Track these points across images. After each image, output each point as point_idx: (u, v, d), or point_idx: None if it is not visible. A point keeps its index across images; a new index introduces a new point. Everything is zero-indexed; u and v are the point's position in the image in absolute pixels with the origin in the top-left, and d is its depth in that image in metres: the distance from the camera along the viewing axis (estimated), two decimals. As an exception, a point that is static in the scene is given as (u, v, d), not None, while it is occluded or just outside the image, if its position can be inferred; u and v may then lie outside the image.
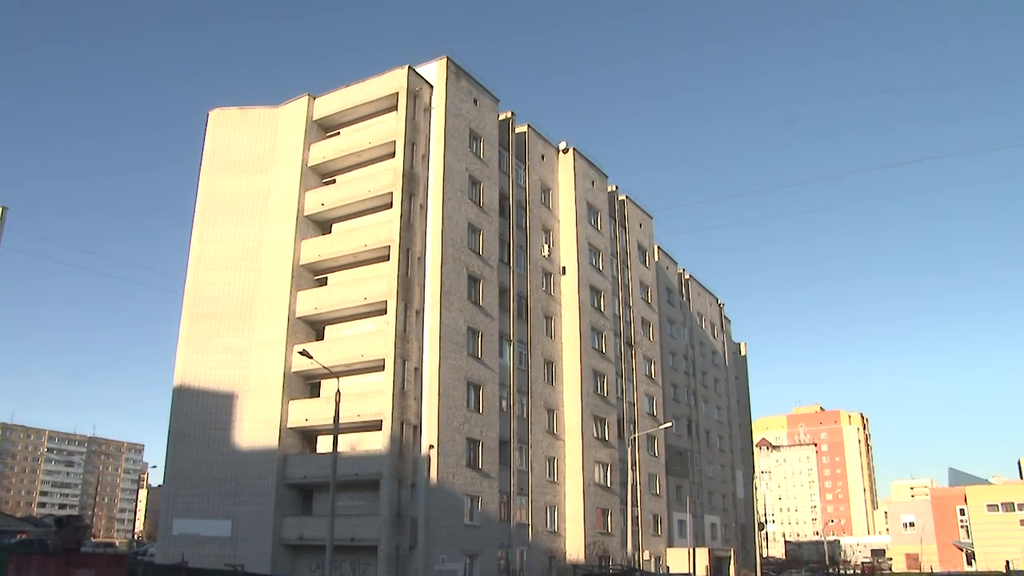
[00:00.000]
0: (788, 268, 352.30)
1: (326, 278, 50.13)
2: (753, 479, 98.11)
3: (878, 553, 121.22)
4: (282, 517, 44.91)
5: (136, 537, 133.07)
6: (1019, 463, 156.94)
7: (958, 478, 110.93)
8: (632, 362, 66.60)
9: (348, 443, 43.85)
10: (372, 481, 42.43)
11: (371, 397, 43.50)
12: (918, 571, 63.51)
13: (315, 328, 49.37)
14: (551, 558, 52.06)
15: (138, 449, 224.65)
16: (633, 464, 62.79)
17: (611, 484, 59.35)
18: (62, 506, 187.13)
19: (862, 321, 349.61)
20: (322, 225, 51.16)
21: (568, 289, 59.37)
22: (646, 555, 62.52)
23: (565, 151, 63.01)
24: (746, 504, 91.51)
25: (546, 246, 58.22)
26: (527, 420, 52.13)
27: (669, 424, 67.93)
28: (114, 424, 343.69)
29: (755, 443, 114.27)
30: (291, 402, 46.80)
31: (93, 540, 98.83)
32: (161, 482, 54.17)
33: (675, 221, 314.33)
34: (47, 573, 20.32)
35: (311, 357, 37.35)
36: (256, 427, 46.74)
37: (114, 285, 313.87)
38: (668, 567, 64.09)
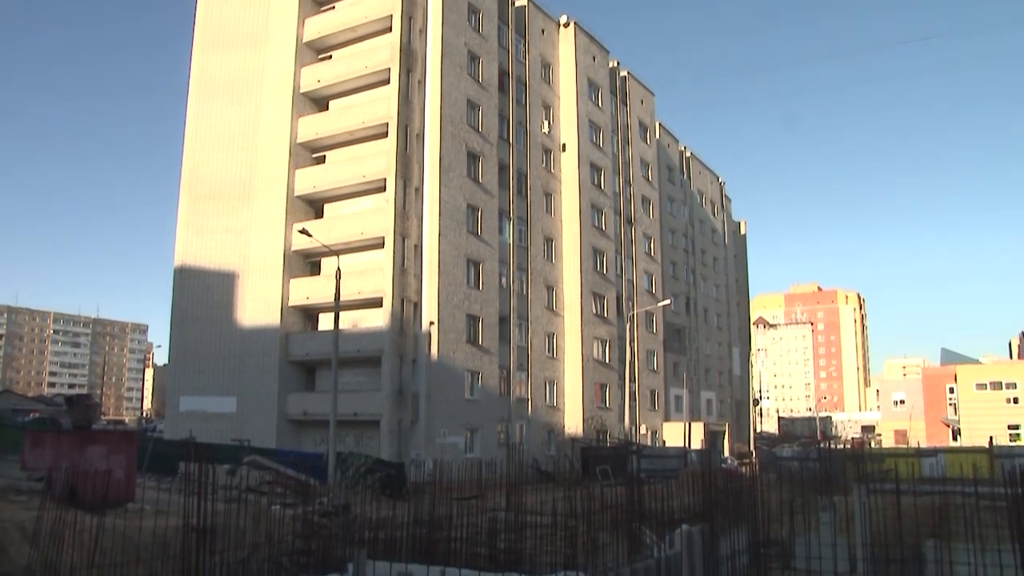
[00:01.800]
0: (790, 148, 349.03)
1: (324, 156, 49.58)
2: (749, 357, 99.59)
3: (868, 429, 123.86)
4: (286, 393, 45.71)
5: (145, 415, 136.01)
6: (1010, 344, 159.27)
7: (950, 357, 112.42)
8: (631, 239, 66.61)
9: (349, 320, 44.26)
10: (374, 358, 43.02)
11: (371, 275, 43.69)
12: (905, 446, 65.19)
13: (314, 207, 49.14)
14: (550, 432, 53.27)
15: (142, 330, 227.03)
16: (631, 341, 63.52)
17: (609, 360, 60.20)
18: (71, 386, 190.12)
19: (862, 200, 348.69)
20: (319, 102, 50.27)
21: (568, 166, 58.87)
22: (643, 429, 63.96)
23: (566, 25, 61.48)
24: (742, 381, 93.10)
25: (546, 122, 57.42)
26: (527, 297, 52.52)
27: (667, 301, 68.40)
28: (117, 305, 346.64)
29: (752, 321, 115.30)
30: (292, 280, 47.01)
31: (103, 418, 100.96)
32: (166, 361, 54.91)
33: (677, 99, 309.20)
34: (61, 450, 20.69)
35: (310, 235, 37.30)
36: (258, 306, 47.10)
37: (112, 166, 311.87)
38: (664, 441, 65.63)
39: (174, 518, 9.73)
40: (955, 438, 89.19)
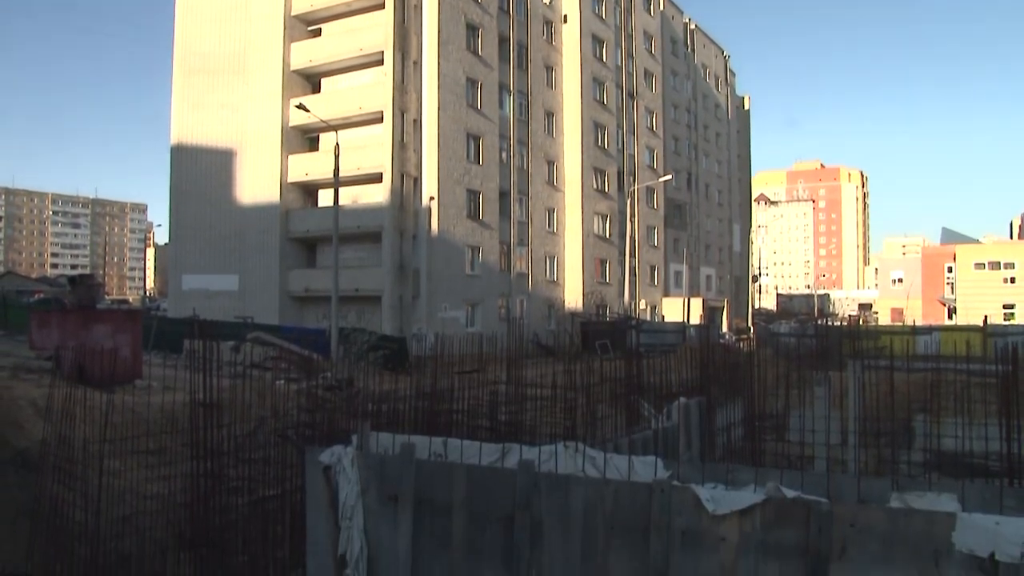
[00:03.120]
0: (796, 22, 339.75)
1: (320, 29, 48.34)
2: (750, 233, 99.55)
3: (865, 307, 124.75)
4: (287, 270, 45.94)
5: (148, 294, 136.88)
6: (1011, 224, 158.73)
7: (950, 237, 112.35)
8: (633, 114, 65.63)
9: (349, 196, 44.03)
10: (374, 233, 43.03)
11: (370, 150, 43.24)
12: (901, 323, 65.81)
13: (311, 81, 48.22)
14: (550, 306, 53.80)
15: (142, 209, 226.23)
16: (632, 216, 63.41)
17: (610, 235, 60.27)
18: (73, 267, 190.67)
19: (869, 77, 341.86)
20: (312, -29, 48.64)
21: (569, 38, 57.44)
22: (642, 304, 64.58)
23: None
24: (741, 257, 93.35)
25: (547, -7, 55.77)
26: (527, 171, 52.15)
27: (669, 177, 67.90)
28: (115, 185, 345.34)
29: (753, 198, 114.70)
30: (290, 157, 46.59)
31: (107, 298, 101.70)
32: (167, 240, 54.96)
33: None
34: (66, 329, 20.86)
35: (308, 111, 36.74)
36: (257, 183, 46.80)
37: (103, 39, 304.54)
38: (663, 316, 66.34)
39: (180, 394, 9.90)
40: (951, 317, 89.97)
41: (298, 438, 10.01)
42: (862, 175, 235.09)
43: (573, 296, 55.73)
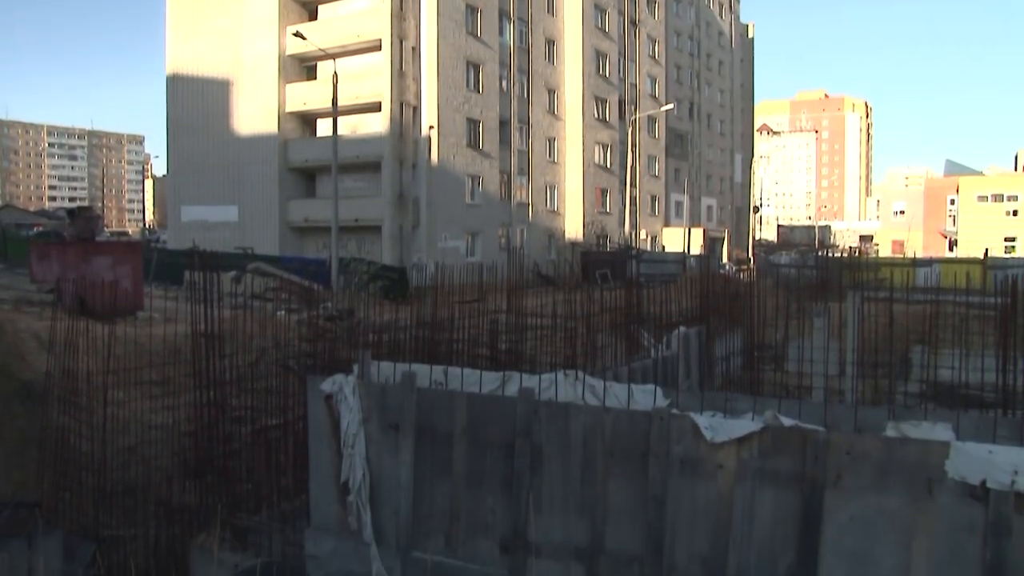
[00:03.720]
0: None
1: (314, -48, 47.30)
2: (751, 164, 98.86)
3: (866, 239, 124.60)
4: (287, 201, 45.73)
5: (148, 226, 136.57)
6: (1016, 156, 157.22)
7: (953, 169, 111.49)
8: (635, 42, 64.61)
9: (348, 126, 43.57)
10: (373, 163, 42.74)
11: (369, 78, 42.68)
12: (902, 255, 65.73)
13: (307, 8, 47.31)
14: (550, 236, 53.76)
15: (138, 140, 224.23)
16: (633, 145, 62.89)
17: (610, 165, 59.88)
18: (72, 199, 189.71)
19: (874, 3, 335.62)
20: None
21: (570, -37, 56.29)
22: (643, 234, 64.50)
23: None
24: (743, 188, 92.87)
25: (547, -85, 54.43)
26: (527, 100, 51.59)
27: (671, 106, 67.14)
28: (111, 117, 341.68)
29: (756, 128, 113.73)
30: (288, 86, 45.96)
31: (106, 230, 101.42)
32: (165, 172, 54.66)
33: None
34: (67, 262, 20.82)
35: (304, 38, 36.14)
36: (254, 113, 46.28)
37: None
38: (664, 246, 66.26)
39: (182, 325, 9.95)
40: (951, 249, 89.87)
41: (300, 368, 10.08)
42: (866, 105, 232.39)
43: (573, 226, 55.63)
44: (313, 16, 47.20)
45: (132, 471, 9.94)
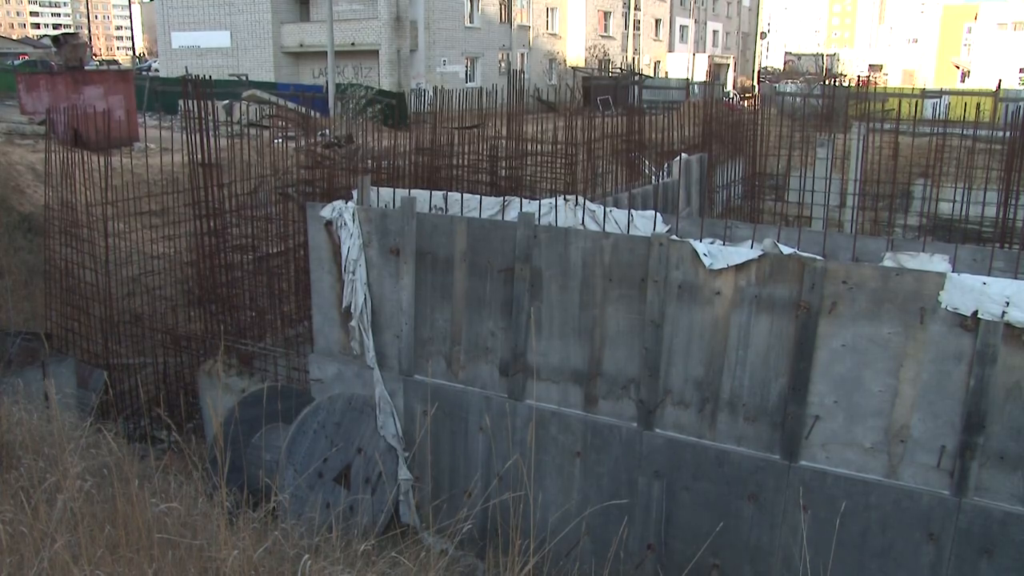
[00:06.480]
0: None
1: None
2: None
3: (876, 68, 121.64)
4: (280, 24, 44.32)
5: (138, 53, 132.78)
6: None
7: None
8: None
9: (342, -55, 41.76)
10: (369, -15, 41.28)
11: None
12: (911, 87, 64.17)
13: None
14: (551, 61, 52.62)
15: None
16: (638, -33, 60.52)
17: (614, -13, 57.89)
18: (56, 26, 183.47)
19: None
20: None
21: None
22: (646, 59, 62.91)
23: None
24: (750, 12, 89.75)
25: None
26: (529, -83, 49.35)
27: (679, -76, 64.10)
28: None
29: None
30: (277, -100, 43.75)
31: (95, 59, 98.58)
32: (153, -6, 52.62)
33: None
34: (57, 92, 20.40)
35: None
36: (243, -70, 44.22)
37: None
38: (667, 72, 64.76)
39: (179, 155, 9.82)
40: (963, 80, 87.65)
41: (299, 195, 10.06)
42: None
43: (575, 50, 54.32)
44: None
45: (137, 301, 10.09)
